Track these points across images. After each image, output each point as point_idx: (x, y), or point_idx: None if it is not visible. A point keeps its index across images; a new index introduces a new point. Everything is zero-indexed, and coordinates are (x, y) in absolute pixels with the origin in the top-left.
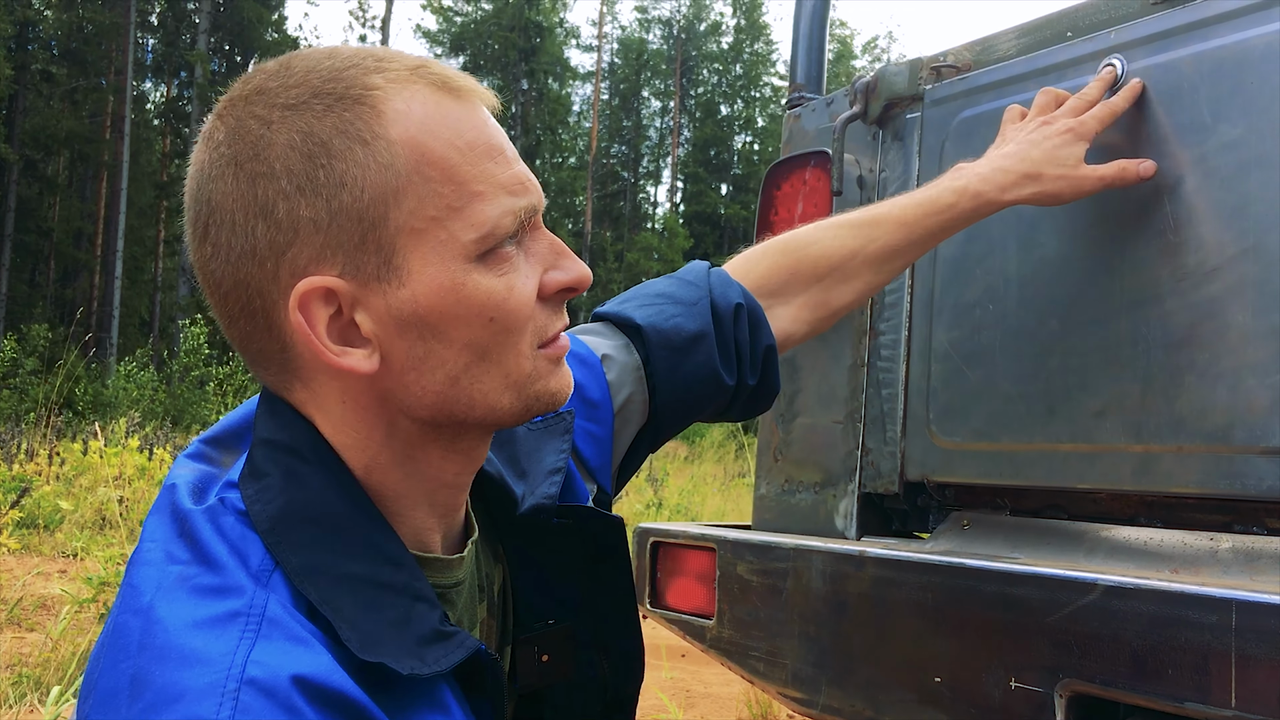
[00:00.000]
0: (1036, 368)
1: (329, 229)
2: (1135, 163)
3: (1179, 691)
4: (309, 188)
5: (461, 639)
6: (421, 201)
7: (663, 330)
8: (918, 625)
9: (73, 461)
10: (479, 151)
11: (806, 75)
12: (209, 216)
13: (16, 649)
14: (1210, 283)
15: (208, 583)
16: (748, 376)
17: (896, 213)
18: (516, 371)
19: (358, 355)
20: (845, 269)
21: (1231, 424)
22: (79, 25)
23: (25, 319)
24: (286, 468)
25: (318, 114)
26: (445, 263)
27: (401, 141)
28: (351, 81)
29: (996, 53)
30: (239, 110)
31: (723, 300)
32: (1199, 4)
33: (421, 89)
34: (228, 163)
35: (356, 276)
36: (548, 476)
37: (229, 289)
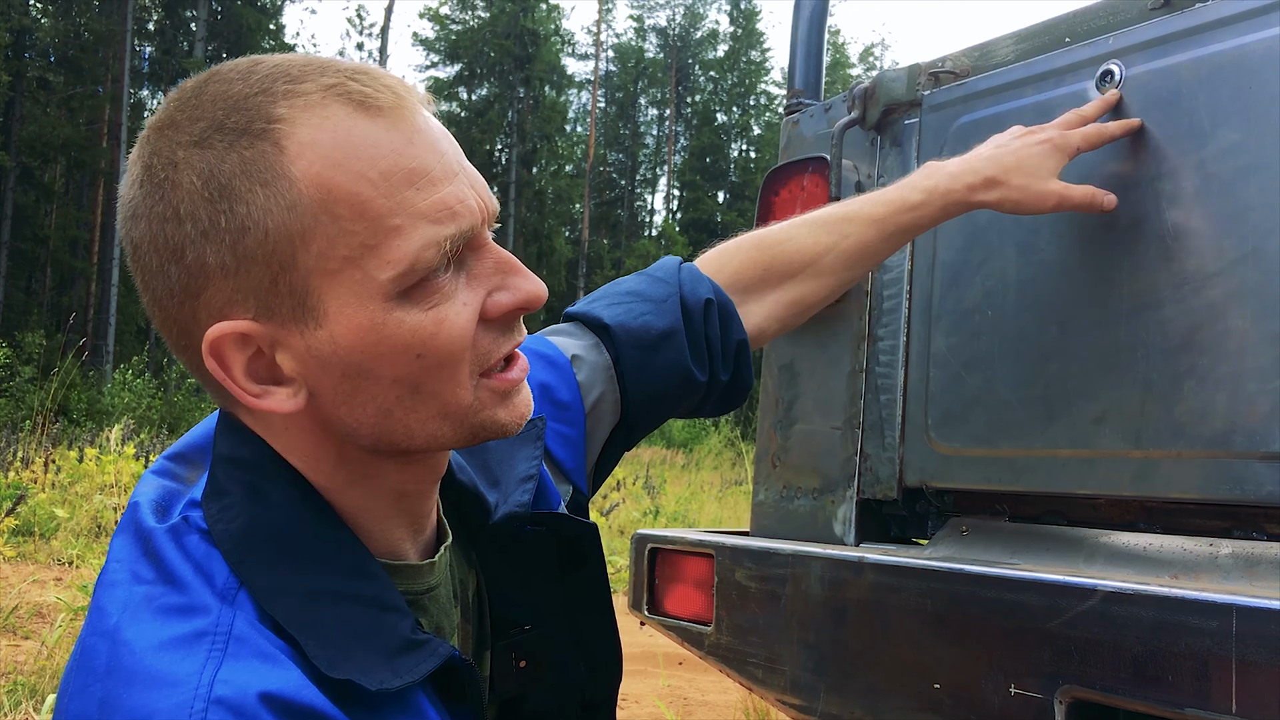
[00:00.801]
0: (1035, 373)
1: (237, 274)
2: (1102, 193)
3: (1179, 697)
4: (213, 233)
5: (434, 647)
6: (331, 242)
7: (631, 328)
8: (917, 631)
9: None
10: (395, 180)
11: (805, 81)
12: (133, 254)
13: (11, 657)
14: (1209, 288)
15: (173, 602)
16: (720, 372)
17: (868, 210)
18: (455, 402)
19: (281, 395)
20: (818, 266)
21: (1231, 429)
22: (76, 32)
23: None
24: (248, 485)
25: (219, 153)
26: (362, 303)
27: (305, 179)
28: (255, 113)
29: (995, 58)
30: (152, 144)
31: (692, 296)
32: (1197, 9)
33: (335, 111)
34: (139, 205)
35: (271, 319)
36: (520, 484)
37: (161, 322)
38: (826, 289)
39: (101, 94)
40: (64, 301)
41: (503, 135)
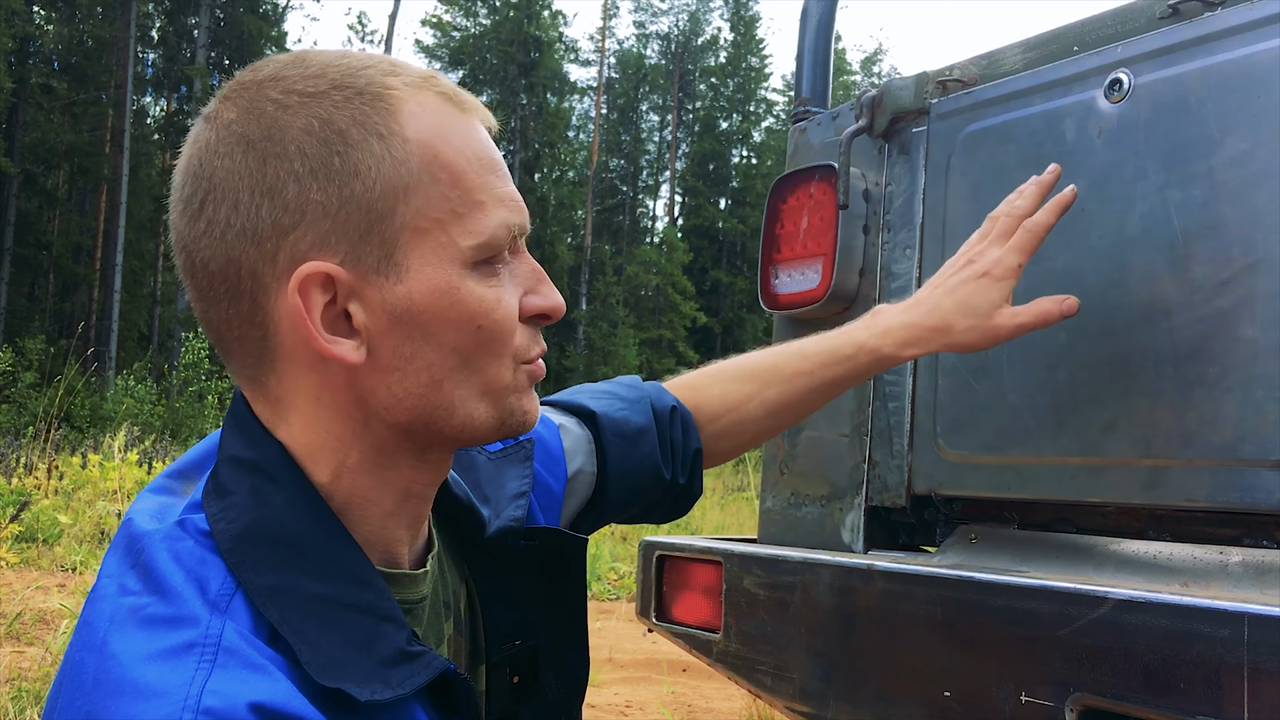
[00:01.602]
0: (1044, 381)
1: (337, 215)
2: (1056, 301)
3: (1191, 705)
4: (323, 172)
5: (429, 659)
6: (429, 202)
7: (614, 419)
8: (926, 639)
9: (71, 475)
10: (484, 163)
11: (812, 89)
12: (208, 193)
13: (16, 663)
14: (1219, 296)
15: (161, 613)
16: (679, 475)
17: (797, 362)
18: (497, 381)
19: (347, 346)
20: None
21: (1241, 437)
22: (79, 39)
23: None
24: (252, 485)
25: (336, 104)
26: (442, 265)
27: (416, 141)
28: (370, 79)
29: (1003, 67)
30: (251, 93)
31: (659, 402)
32: (1206, 18)
33: (432, 97)
34: (237, 140)
35: (356, 267)
36: (512, 500)
37: (218, 268)
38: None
39: (104, 100)
40: (66, 308)
41: (505, 142)
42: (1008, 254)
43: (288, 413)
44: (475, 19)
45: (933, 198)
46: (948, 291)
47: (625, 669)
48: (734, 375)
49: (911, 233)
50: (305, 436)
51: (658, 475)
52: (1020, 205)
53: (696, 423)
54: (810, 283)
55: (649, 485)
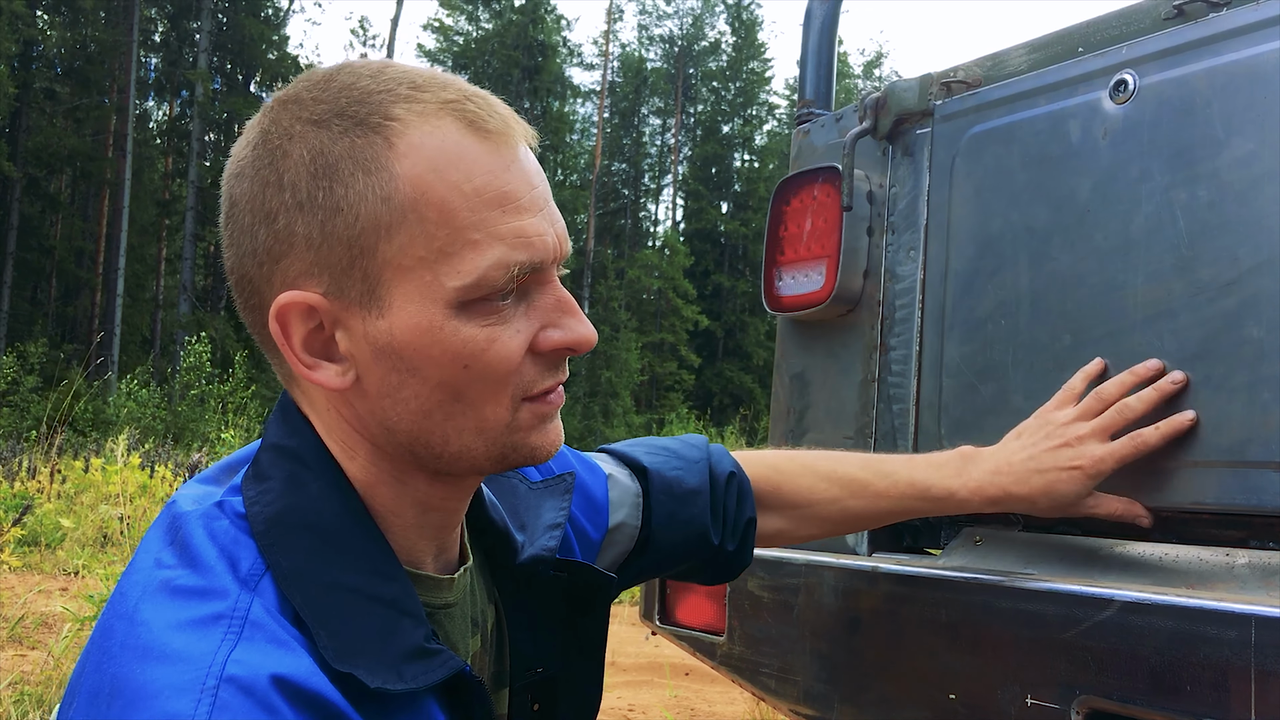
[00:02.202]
0: (1049, 383)
1: (320, 248)
2: (1130, 505)
3: (1197, 708)
4: (308, 205)
5: (445, 658)
6: (412, 240)
7: (666, 477)
8: (931, 642)
9: (74, 479)
10: (485, 198)
11: (815, 91)
12: (229, 210)
13: (18, 667)
14: (1225, 297)
15: (192, 584)
16: (728, 541)
17: (885, 485)
18: (493, 420)
19: (331, 370)
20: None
21: (1247, 439)
22: (82, 44)
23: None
24: (289, 472)
25: (334, 135)
26: (425, 304)
27: (405, 177)
28: (375, 108)
29: (1007, 68)
30: (275, 113)
31: (719, 466)
32: (1211, 19)
33: (446, 124)
34: (248, 165)
35: (340, 298)
36: (547, 530)
37: (238, 280)
38: (817, 532)
39: (107, 105)
40: (69, 312)
41: None
42: (1108, 459)
43: (315, 417)
44: (478, 23)
45: (937, 199)
46: (1039, 470)
47: (628, 672)
48: (824, 474)
49: (915, 234)
50: (330, 440)
51: (705, 538)
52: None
53: (774, 504)
54: (814, 284)
55: (695, 547)
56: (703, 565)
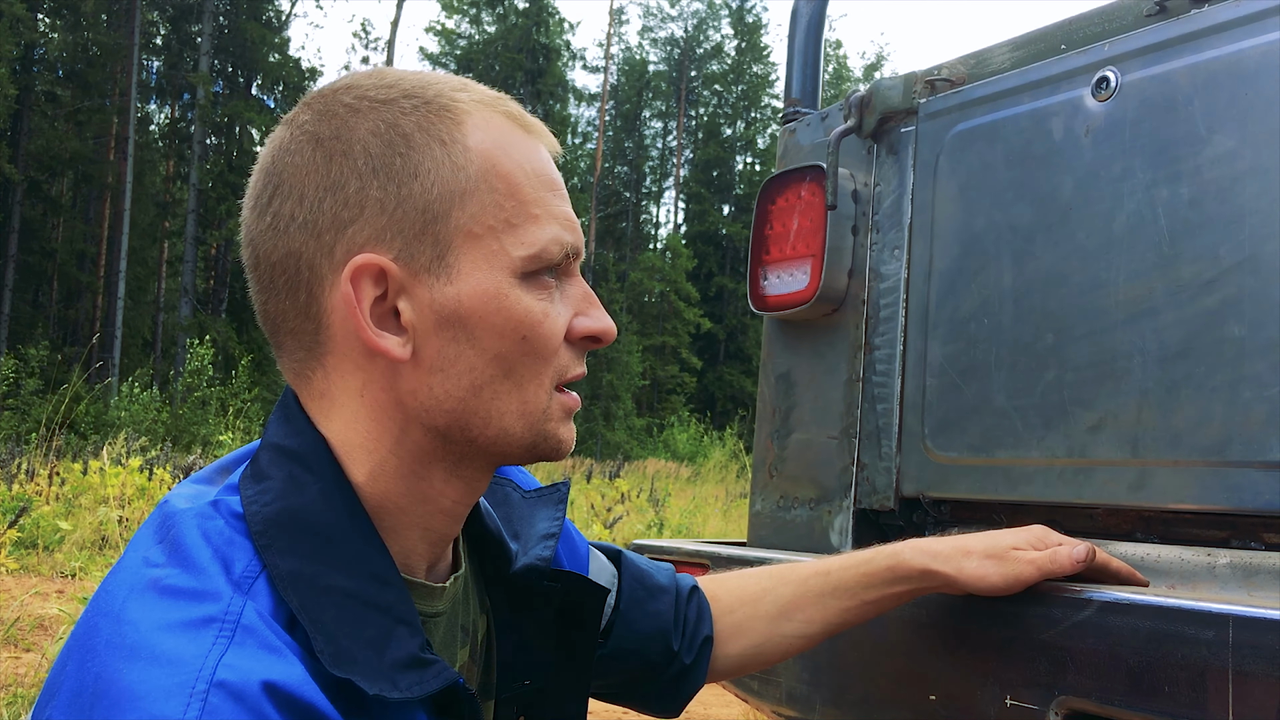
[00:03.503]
0: (1032, 382)
1: (394, 213)
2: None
3: (1176, 708)
4: (384, 171)
5: (440, 669)
6: (484, 208)
7: (639, 566)
8: (912, 642)
9: (73, 481)
10: (542, 180)
11: (802, 90)
12: (276, 188)
13: (13, 669)
14: (1206, 295)
15: (183, 585)
16: (685, 654)
17: (815, 564)
18: (534, 403)
19: (393, 341)
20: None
21: (1228, 438)
22: (84, 47)
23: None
24: (289, 473)
25: (404, 111)
26: (493, 271)
27: (477, 150)
28: (439, 92)
29: (991, 66)
30: (328, 99)
31: (682, 580)
32: (1193, 15)
33: (498, 116)
34: (309, 139)
35: (409, 265)
36: (541, 540)
37: (279, 259)
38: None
39: (109, 108)
40: (70, 314)
41: None
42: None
43: (331, 409)
44: (480, 26)
45: (921, 197)
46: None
47: None
48: (755, 572)
49: (900, 233)
50: (346, 434)
51: (666, 639)
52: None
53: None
54: (799, 284)
55: (655, 647)
56: (657, 672)
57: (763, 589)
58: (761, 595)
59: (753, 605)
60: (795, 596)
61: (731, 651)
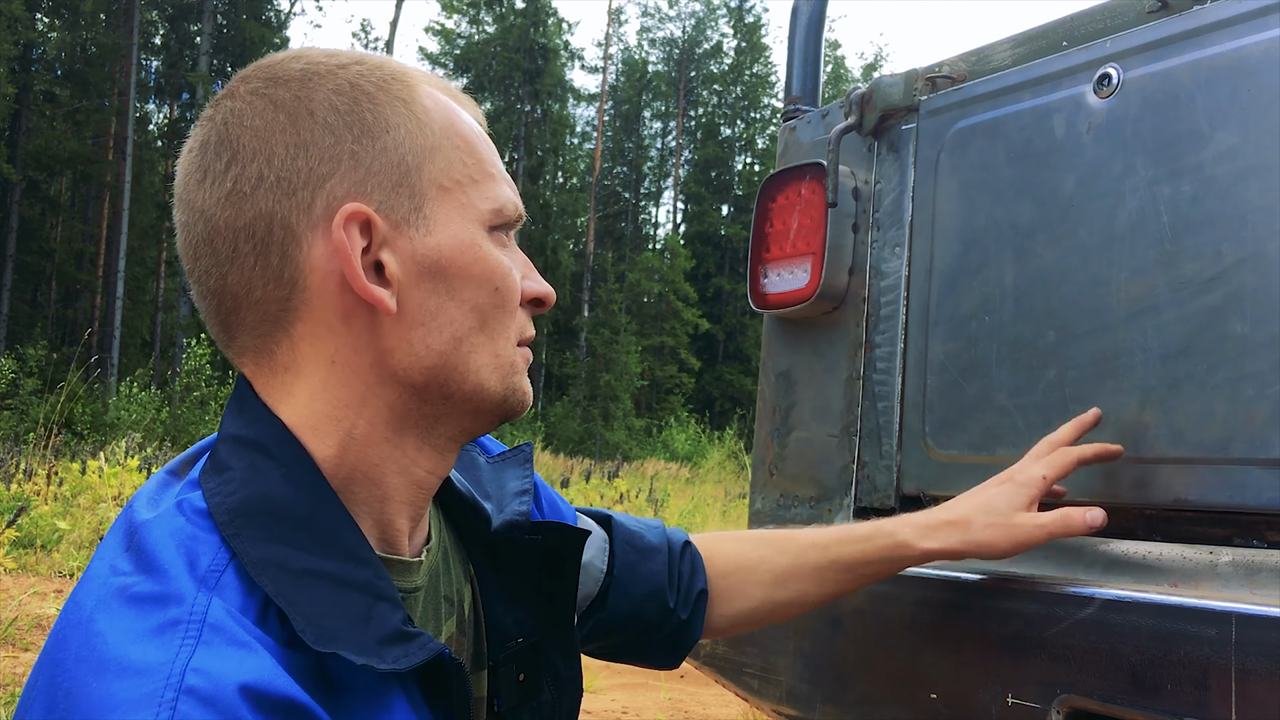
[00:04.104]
0: (1033, 380)
1: (370, 165)
2: (1081, 511)
3: (1178, 707)
4: (356, 125)
5: (424, 641)
6: (450, 164)
7: (629, 529)
8: (913, 641)
9: (71, 481)
10: (487, 144)
11: (802, 88)
12: (235, 153)
13: (11, 669)
14: (1208, 292)
15: (148, 591)
16: (680, 609)
17: (814, 535)
18: (504, 354)
19: (383, 292)
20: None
21: (1231, 435)
22: (82, 46)
23: (26, 339)
24: (250, 461)
25: (360, 73)
26: (466, 223)
27: (434, 110)
28: (383, 62)
29: (992, 63)
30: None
31: (674, 536)
32: (1195, 12)
33: (436, 89)
34: (267, 103)
35: (390, 216)
36: (516, 497)
37: (244, 224)
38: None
39: (107, 108)
40: (69, 314)
41: (509, 148)
42: (1032, 464)
43: (295, 382)
44: (480, 26)
45: (922, 195)
46: (972, 494)
47: (623, 675)
48: (750, 538)
49: (901, 231)
50: (312, 406)
51: (661, 599)
52: (1057, 436)
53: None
54: (799, 282)
55: (650, 606)
56: (653, 630)
57: (759, 557)
58: (758, 563)
59: (748, 572)
60: (791, 567)
61: (726, 612)
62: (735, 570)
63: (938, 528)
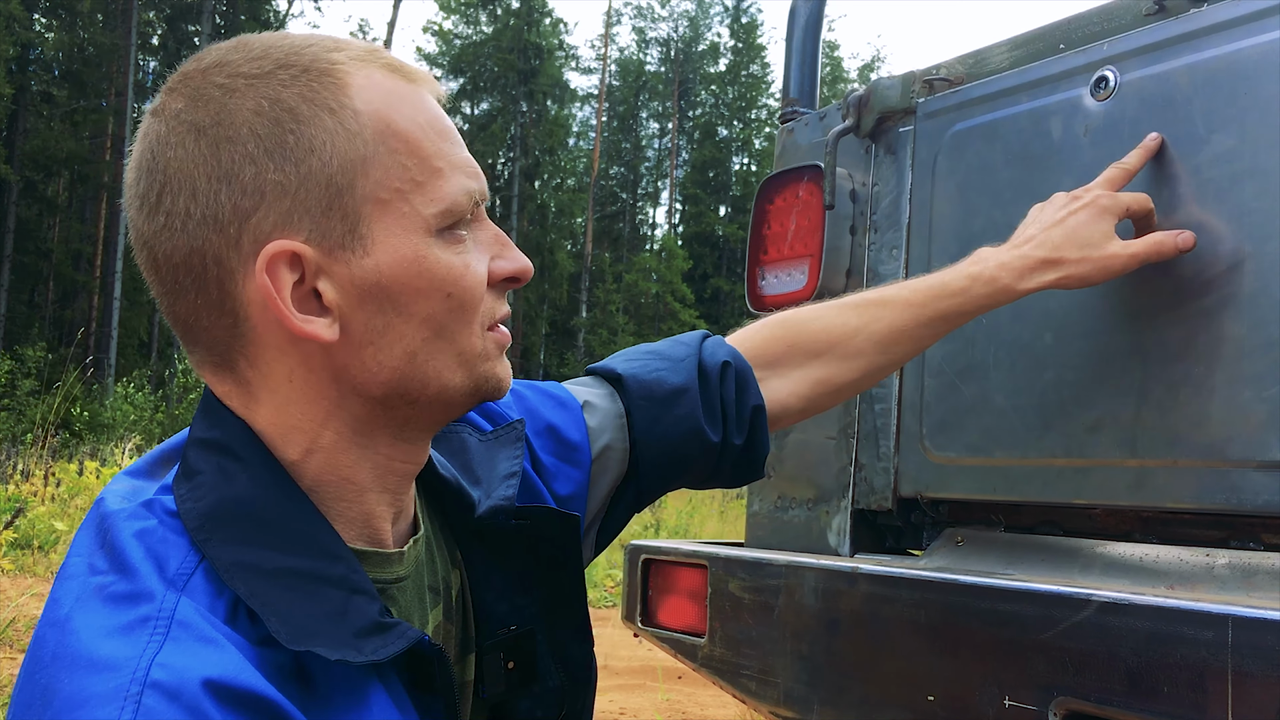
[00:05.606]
0: (1030, 382)
1: (296, 193)
2: (1172, 235)
3: (1175, 709)
4: (278, 152)
5: (402, 630)
6: (387, 172)
7: (644, 381)
8: (911, 643)
9: (68, 482)
10: (437, 130)
11: (800, 90)
12: (164, 185)
13: (8, 670)
14: (1205, 295)
15: (121, 590)
16: (733, 435)
17: (905, 294)
18: (469, 349)
19: (320, 324)
20: (846, 347)
21: (1227, 438)
22: (80, 46)
23: (24, 339)
24: (218, 465)
25: (283, 82)
26: (408, 234)
27: (368, 113)
28: (315, 56)
29: (989, 65)
30: (196, 82)
31: (710, 359)
32: (1192, 15)
33: (378, 70)
34: (188, 129)
35: (322, 243)
36: (504, 480)
37: (181, 259)
38: (855, 372)
39: (105, 108)
40: (66, 315)
41: (505, 149)
42: (1123, 196)
43: (258, 397)
44: (476, 26)
45: (919, 197)
46: (1055, 224)
47: (620, 676)
48: (838, 311)
49: (898, 233)
50: (276, 418)
51: (701, 438)
52: (1127, 162)
53: (795, 360)
54: (797, 284)
55: (691, 450)
56: (712, 467)
57: (855, 327)
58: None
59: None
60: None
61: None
62: (828, 348)
63: (1034, 267)
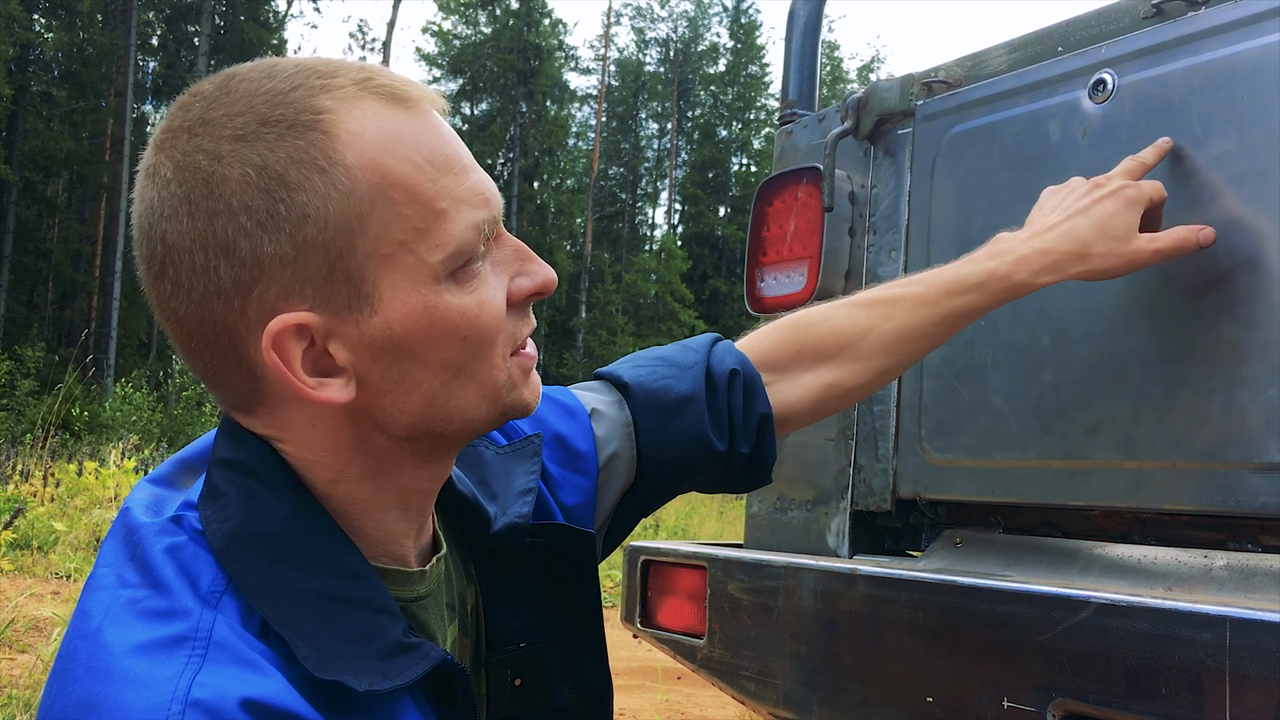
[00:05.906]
0: (1029, 384)
1: (295, 263)
2: (1194, 230)
3: (1173, 710)
4: (270, 224)
5: (426, 650)
6: (387, 226)
7: (651, 389)
8: (910, 644)
9: (68, 483)
10: (438, 165)
11: (799, 91)
12: (165, 256)
13: (7, 670)
14: (1203, 297)
15: (155, 606)
16: (740, 443)
17: (918, 290)
18: (491, 382)
19: (334, 385)
20: (855, 349)
21: (1225, 440)
22: (79, 47)
23: (23, 340)
24: (244, 487)
25: (269, 144)
26: (415, 286)
27: (360, 166)
28: (300, 106)
29: (988, 68)
30: (183, 144)
31: (719, 366)
32: (1189, 18)
33: (371, 104)
34: (180, 201)
35: (327, 308)
36: (519, 497)
37: (194, 326)
38: (867, 374)
39: (104, 108)
40: (66, 315)
41: (504, 149)
42: (1146, 185)
43: (280, 435)
44: (476, 27)
45: (918, 199)
46: (1080, 213)
47: (620, 676)
48: (848, 309)
49: (897, 235)
50: (301, 453)
51: (707, 446)
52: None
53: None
54: (795, 285)
55: (697, 457)
56: (718, 474)
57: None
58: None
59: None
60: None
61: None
62: (837, 350)
63: (1059, 260)
